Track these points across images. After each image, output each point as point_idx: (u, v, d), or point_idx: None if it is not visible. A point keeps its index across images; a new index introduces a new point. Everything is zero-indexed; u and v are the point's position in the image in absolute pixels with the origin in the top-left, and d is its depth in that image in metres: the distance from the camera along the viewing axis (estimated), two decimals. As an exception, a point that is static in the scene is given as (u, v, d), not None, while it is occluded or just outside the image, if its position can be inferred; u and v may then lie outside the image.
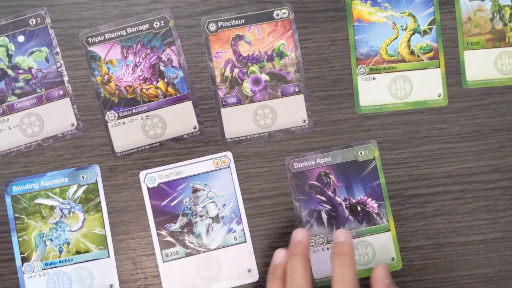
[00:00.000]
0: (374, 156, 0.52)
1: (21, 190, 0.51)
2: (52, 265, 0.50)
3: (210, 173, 0.51)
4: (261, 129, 0.52)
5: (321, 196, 0.51)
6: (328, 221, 0.51)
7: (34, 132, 0.51)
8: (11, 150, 0.51)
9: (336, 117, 0.52)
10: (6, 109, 0.51)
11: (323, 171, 0.52)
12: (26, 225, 0.50)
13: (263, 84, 0.52)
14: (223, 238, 0.51)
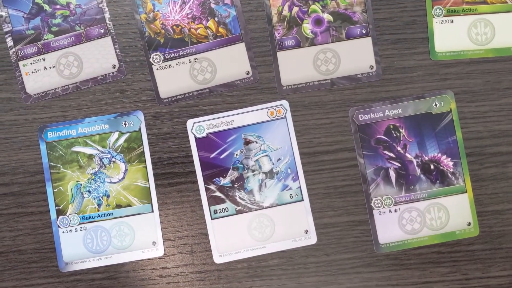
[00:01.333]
0: (450, 109, 0.46)
1: (57, 136, 0.47)
2: (90, 219, 0.46)
3: (264, 123, 0.47)
4: (322, 75, 0.47)
5: (389, 152, 0.46)
6: (397, 180, 0.46)
7: (72, 74, 0.47)
8: (46, 93, 0.47)
9: (408, 63, 0.47)
10: (41, 47, 0.47)
11: (392, 124, 0.46)
12: (62, 175, 0.46)
13: (326, 25, 0.47)
14: (277, 195, 0.46)
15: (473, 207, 0.46)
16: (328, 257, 0.46)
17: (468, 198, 0.46)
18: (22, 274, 0.46)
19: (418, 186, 0.46)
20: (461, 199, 0.46)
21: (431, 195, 0.46)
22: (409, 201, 0.46)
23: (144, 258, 0.46)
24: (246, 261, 0.46)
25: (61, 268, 0.46)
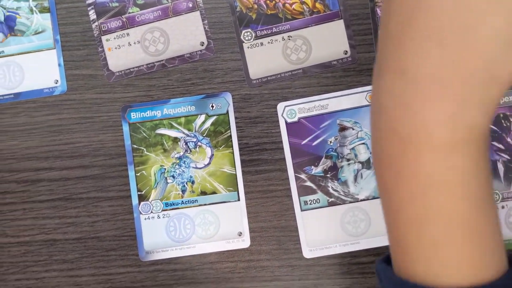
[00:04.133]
0: None
1: (140, 117, 0.45)
2: (173, 206, 0.44)
3: (362, 108, 0.44)
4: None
5: (498, 143, 0.43)
6: (505, 174, 0.43)
7: (158, 51, 0.45)
8: (130, 70, 0.45)
9: None
10: (126, 21, 0.45)
11: (502, 113, 0.43)
12: (145, 158, 0.44)
13: (431, 4, 0.44)
14: (374, 187, 0.44)
15: None
16: (429, 254, 0.43)
17: None
18: (101, 262, 0.45)
19: (530, 181, 0.43)
20: None
21: (544, 191, 0.43)
22: (519, 197, 0.43)
23: (229, 249, 0.44)
24: (337, 257, 0.44)
25: (142, 257, 0.44)
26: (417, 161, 0.22)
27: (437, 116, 0.21)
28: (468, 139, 0.22)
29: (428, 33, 0.21)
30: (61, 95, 0.45)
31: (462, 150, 0.22)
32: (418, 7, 0.21)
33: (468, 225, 0.23)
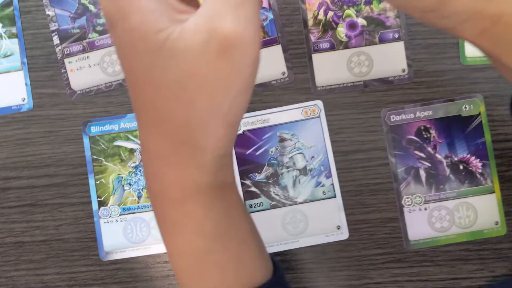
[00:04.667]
0: (480, 112, 0.49)
1: (100, 131, 0.50)
2: (130, 211, 0.49)
3: (299, 122, 0.49)
4: (355, 77, 0.50)
5: (420, 152, 0.49)
6: (427, 180, 0.49)
7: (115, 71, 0.50)
8: (90, 89, 0.50)
9: (439, 67, 0.49)
10: (86, 46, 0.50)
11: (423, 126, 0.49)
12: (104, 168, 0.49)
13: (360, 29, 0.50)
14: (310, 191, 0.49)
15: (500, 207, 0.49)
16: (359, 252, 0.49)
17: (496, 198, 0.49)
18: (65, 262, 0.49)
19: (448, 185, 0.49)
20: (489, 199, 0.49)
21: (460, 194, 0.49)
22: (439, 200, 0.49)
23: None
24: (280, 254, 0.49)
25: (102, 257, 0.49)
26: (163, 210, 0.28)
27: (169, 178, 0.27)
28: (196, 192, 0.27)
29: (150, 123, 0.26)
30: (28, 111, 0.50)
31: (193, 200, 0.27)
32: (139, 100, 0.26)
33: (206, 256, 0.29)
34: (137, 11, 0.23)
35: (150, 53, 0.24)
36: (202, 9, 0.24)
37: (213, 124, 0.25)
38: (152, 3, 0.24)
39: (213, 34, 0.23)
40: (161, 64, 0.24)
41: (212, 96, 0.24)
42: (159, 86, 0.24)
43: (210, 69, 0.24)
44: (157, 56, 0.24)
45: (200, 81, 0.24)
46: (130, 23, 0.23)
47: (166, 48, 0.23)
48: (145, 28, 0.23)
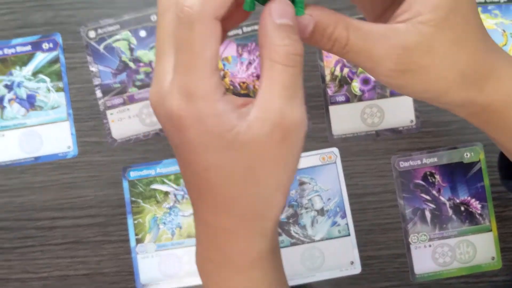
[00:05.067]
0: (480, 159, 0.55)
1: (138, 175, 0.55)
2: (165, 247, 0.55)
3: (317, 167, 0.55)
4: (368, 127, 0.55)
5: (425, 195, 0.55)
6: (432, 220, 0.54)
7: (152, 122, 0.56)
8: (130, 138, 0.56)
9: (443, 118, 0.55)
10: (126, 99, 0.56)
11: (429, 171, 0.55)
12: (142, 209, 0.55)
13: (372, 84, 0.56)
14: (327, 230, 0.55)
15: (497, 243, 0.54)
16: (371, 285, 0.54)
17: (493, 236, 0.54)
18: (106, 294, 0.55)
19: (450, 225, 0.54)
20: (487, 237, 0.54)
21: (461, 233, 0.54)
22: (442, 237, 0.54)
23: (210, 282, 0.55)
24: (299, 287, 0.55)
25: (139, 289, 0.55)
26: (227, 278, 0.32)
27: (236, 249, 0.31)
28: (259, 258, 0.31)
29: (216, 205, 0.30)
30: (73, 158, 0.56)
31: (256, 266, 0.31)
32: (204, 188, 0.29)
33: None
34: (212, 115, 0.27)
35: (223, 148, 0.27)
36: (260, 102, 0.28)
37: (277, 197, 0.29)
38: (223, 106, 0.27)
39: (276, 125, 0.27)
40: (233, 156, 0.28)
41: (276, 175, 0.29)
42: (230, 174, 0.28)
43: (274, 154, 0.28)
44: (229, 149, 0.27)
45: (266, 164, 0.28)
46: (206, 125, 0.27)
47: (238, 141, 0.27)
48: (220, 129, 0.27)
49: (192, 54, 0.27)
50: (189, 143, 0.28)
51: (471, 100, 0.32)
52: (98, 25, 0.56)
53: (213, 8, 0.26)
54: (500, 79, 0.33)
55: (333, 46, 0.30)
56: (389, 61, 0.30)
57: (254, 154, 0.28)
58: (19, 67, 0.56)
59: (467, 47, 0.31)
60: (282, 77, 0.28)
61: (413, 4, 0.29)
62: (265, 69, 0.28)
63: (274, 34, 0.28)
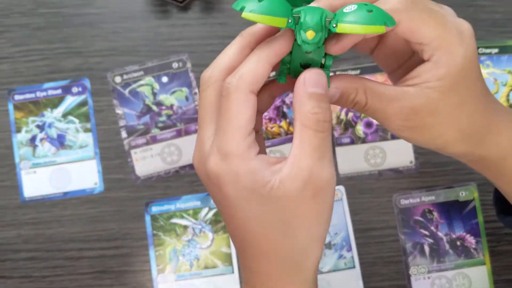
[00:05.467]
0: (474, 197, 0.60)
1: (159, 210, 0.60)
2: (184, 277, 0.59)
3: (324, 204, 0.60)
4: (371, 167, 0.60)
5: (424, 230, 0.59)
6: (430, 254, 0.59)
7: (173, 160, 0.61)
8: (152, 175, 0.61)
9: (440, 160, 0.61)
10: (150, 139, 0.61)
11: (427, 208, 0.60)
12: (162, 241, 0.60)
13: (375, 127, 0.61)
14: (334, 263, 0.59)
15: (490, 276, 0.59)
16: (374, 314, 0.59)
17: (486, 269, 0.59)
18: (128, 321, 0.60)
19: (447, 258, 0.59)
20: (481, 270, 0.59)
21: (457, 266, 0.59)
22: (440, 270, 0.59)
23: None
24: (307, 315, 0.59)
25: (160, 316, 0.59)
26: None
27: None
28: None
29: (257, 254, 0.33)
30: (99, 193, 0.61)
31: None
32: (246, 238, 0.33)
33: None
34: (247, 172, 0.31)
35: (259, 202, 0.31)
36: (291, 160, 0.31)
37: (312, 248, 0.33)
38: (257, 163, 0.32)
39: (307, 182, 0.31)
40: (268, 209, 0.32)
41: (310, 228, 0.33)
42: (267, 226, 0.32)
43: (307, 208, 0.32)
44: (265, 203, 0.31)
45: (300, 218, 0.32)
46: (242, 181, 0.31)
47: (272, 196, 0.31)
48: (255, 184, 0.31)
49: (229, 120, 0.32)
50: (228, 198, 0.33)
51: (470, 152, 0.38)
52: (123, 71, 0.61)
53: (247, 84, 0.32)
54: (497, 134, 0.38)
55: (353, 106, 0.35)
56: (399, 119, 0.34)
57: (287, 208, 0.32)
58: (50, 109, 0.61)
59: (467, 109, 0.35)
60: (312, 140, 0.31)
61: (422, 73, 0.34)
62: (297, 131, 0.32)
63: (306, 102, 0.31)
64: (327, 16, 0.31)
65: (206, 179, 0.34)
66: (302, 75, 0.32)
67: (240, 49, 0.34)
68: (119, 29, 0.62)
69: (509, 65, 0.61)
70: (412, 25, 0.32)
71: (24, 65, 0.62)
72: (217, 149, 0.32)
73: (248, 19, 0.30)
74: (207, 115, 0.34)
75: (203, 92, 0.34)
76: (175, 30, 0.62)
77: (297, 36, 0.31)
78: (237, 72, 0.32)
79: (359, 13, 0.30)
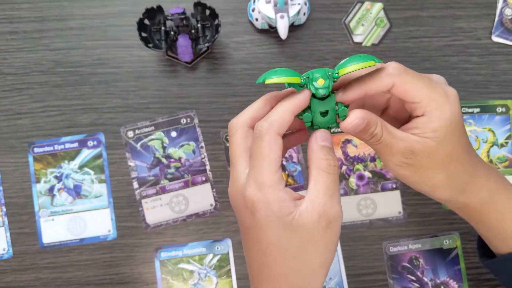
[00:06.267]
0: (457, 245, 0.65)
1: (167, 256, 0.65)
2: (190, 319, 0.65)
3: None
4: (363, 217, 0.66)
5: (411, 276, 0.65)
6: (416, 297, 0.65)
7: (181, 210, 0.66)
8: (161, 223, 0.66)
9: (426, 211, 0.66)
10: (159, 190, 0.66)
11: (414, 255, 0.65)
12: (171, 285, 0.65)
13: (366, 180, 0.66)
14: None
15: (472, 319, 0.65)
16: None
17: (469, 312, 0.65)
18: None
19: (432, 302, 0.65)
20: (464, 313, 0.65)
21: (441, 309, 0.65)
22: (426, 312, 0.65)
23: None
24: None
25: None
26: None
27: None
28: None
29: (273, 277, 0.39)
30: (112, 240, 0.66)
31: None
32: (264, 263, 0.40)
33: None
34: (277, 201, 0.38)
35: (283, 228, 0.38)
36: (309, 197, 0.39)
37: (320, 274, 0.40)
38: (284, 195, 0.39)
39: (321, 215, 0.38)
40: (289, 236, 0.39)
41: (321, 255, 0.40)
42: (286, 251, 0.39)
43: (320, 237, 0.39)
44: (287, 230, 0.38)
45: (314, 246, 0.39)
46: (272, 208, 0.38)
47: (293, 224, 0.38)
48: (282, 212, 0.38)
49: (262, 156, 0.39)
50: (259, 223, 0.40)
51: (455, 198, 0.45)
52: (135, 126, 0.67)
53: (276, 128, 0.40)
54: (478, 185, 0.46)
55: (371, 139, 0.42)
56: (402, 156, 0.42)
57: (304, 237, 0.39)
58: (67, 161, 0.67)
59: (456, 158, 0.43)
60: (325, 180, 0.39)
61: (419, 125, 0.42)
62: (313, 175, 0.39)
63: (319, 152, 0.40)
64: (329, 71, 0.41)
65: (241, 206, 0.41)
66: (313, 134, 0.41)
67: (263, 105, 0.42)
68: (131, 87, 0.68)
69: (490, 123, 0.67)
70: (405, 87, 0.41)
71: (43, 120, 0.67)
72: (254, 180, 0.39)
73: (271, 83, 0.39)
74: (239, 154, 0.42)
75: (232, 136, 0.42)
76: (183, 89, 0.68)
77: (310, 87, 0.40)
78: (267, 118, 0.40)
79: (352, 58, 0.40)
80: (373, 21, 0.68)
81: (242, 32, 0.68)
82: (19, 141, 0.67)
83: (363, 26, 0.68)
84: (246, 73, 0.68)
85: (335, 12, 0.69)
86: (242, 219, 0.41)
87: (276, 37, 0.68)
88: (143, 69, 0.68)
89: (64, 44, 0.68)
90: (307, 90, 0.41)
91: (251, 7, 0.66)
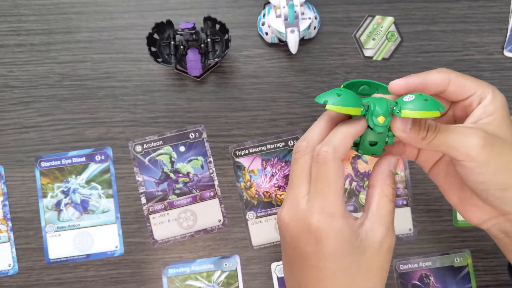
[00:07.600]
0: (468, 263, 0.65)
1: (175, 272, 0.65)
2: (198, 336, 0.64)
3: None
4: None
5: (421, 294, 0.65)
6: (427, 316, 0.64)
7: (189, 225, 0.66)
8: (169, 239, 0.66)
9: (437, 228, 0.66)
10: (167, 205, 0.66)
11: (424, 273, 0.65)
12: (178, 302, 0.65)
13: (377, 196, 0.66)
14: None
15: (483, 338, 0.65)
16: None
17: (480, 331, 0.65)
18: None
19: (443, 321, 0.65)
20: (475, 332, 0.65)
21: (452, 328, 0.64)
22: (436, 331, 0.64)
23: None
24: None
25: None
26: None
27: None
28: None
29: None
30: (120, 256, 0.66)
31: None
32: None
33: None
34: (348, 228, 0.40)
35: (352, 253, 0.40)
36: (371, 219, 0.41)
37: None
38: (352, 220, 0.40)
39: (384, 237, 0.40)
40: (356, 260, 0.40)
41: (382, 276, 0.41)
42: (354, 275, 0.40)
43: (383, 259, 0.41)
44: (355, 254, 0.40)
45: (378, 267, 0.41)
46: (344, 236, 0.39)
47: (361, 246, 0.40)
48: (352, 237, 0.40)
49: (330, 183, 0.40)
50: (326, 251, 0.40)
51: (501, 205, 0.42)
52: (144, 141, 0.67)
53: (340, 154, 0.40)
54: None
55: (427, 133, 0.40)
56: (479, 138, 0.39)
57: (371, 259, 0.40)
58: (74, 175, 0.67)
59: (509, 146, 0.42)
60: (388, 205, 0.42)
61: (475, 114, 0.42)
62: (376, 199, 0.42)
63: (388, 178, 0.43)
64: (390, 103, 0.40)
65: (303, 233, 0.41)
66: (387, 158, 0.43)
67: (326, 127, 0.43)
68: (140, 101, 0.68)
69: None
70: (459, 81, 0.43)
71: (50, 134, 0.67)
72: (321, 209, 0.40)
73: (332, 110, 0.39)
74: (302, 178, 0.42)
75: (300, 158, 0.42)
76: (192, 103, 0.68)
77: (369, 121, 0.41)
78: (330, 143, 0.40)
79: (418, 102, 0.38)
80: (384, 35, 0.68)
81: (252, 46, 0.68)
82: (26, 155, 0.67)
83: (374, 40, 0.68)
84: (255, 87, 0.68)
85: (345, 26, 0.68)
86: (299, 245, 0.41)
87: (286, 51, 0.68)
88: (151, 83, 0.68)
89: (71, 57, 0.68)
90: (364, 118, 0.41)
91: (261, 21, 0.66)
